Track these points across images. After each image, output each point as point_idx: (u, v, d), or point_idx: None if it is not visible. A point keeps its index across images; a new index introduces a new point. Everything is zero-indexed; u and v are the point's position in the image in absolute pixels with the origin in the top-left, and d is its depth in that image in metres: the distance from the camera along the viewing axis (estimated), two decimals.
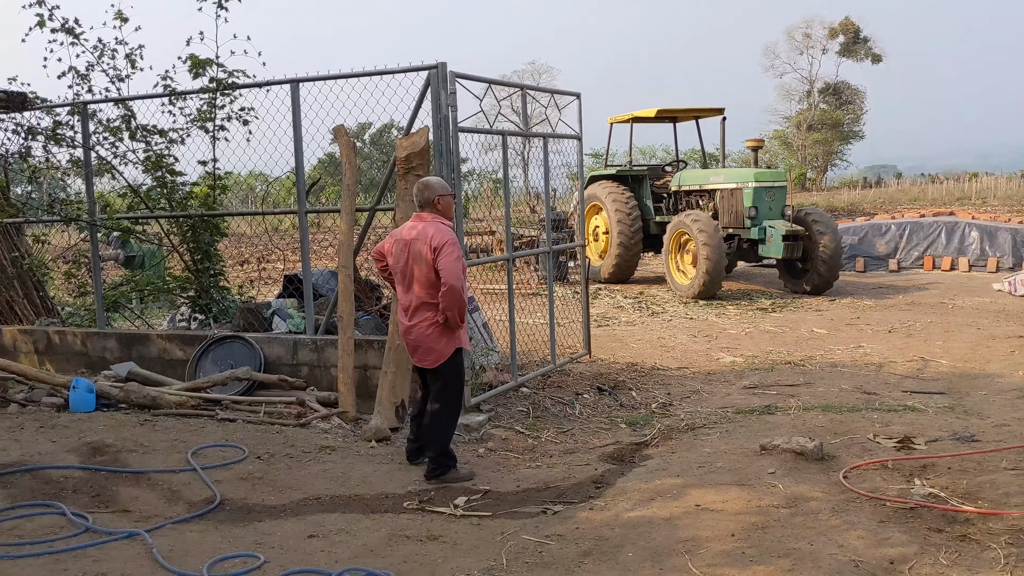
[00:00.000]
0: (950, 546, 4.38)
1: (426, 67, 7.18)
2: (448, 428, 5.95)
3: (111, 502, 5.29)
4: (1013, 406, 7.38)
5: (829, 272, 15.10)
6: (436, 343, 5.80)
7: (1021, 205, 32.90)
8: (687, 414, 7.72)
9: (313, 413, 7.15)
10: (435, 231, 5.66)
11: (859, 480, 5.47)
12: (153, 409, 7.18)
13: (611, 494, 5.54)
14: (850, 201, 41.38)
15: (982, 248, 18.42)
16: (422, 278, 5.68)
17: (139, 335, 8.76)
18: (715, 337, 11.75)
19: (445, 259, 5.55)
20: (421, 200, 5.84)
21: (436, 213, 5.82)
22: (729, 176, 16.13)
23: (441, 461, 5.88)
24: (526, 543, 4.73)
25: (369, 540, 4.83)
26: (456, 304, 5.59)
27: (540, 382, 8.64)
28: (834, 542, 4.43)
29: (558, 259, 15.59)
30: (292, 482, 5.74)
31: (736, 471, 5.69)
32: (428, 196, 5.82)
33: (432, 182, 5.91)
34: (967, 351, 10.21)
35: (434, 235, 5.63)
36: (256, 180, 17.35)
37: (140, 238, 10.08)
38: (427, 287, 5.68)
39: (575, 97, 9.37)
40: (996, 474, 5.41)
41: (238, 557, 4.52)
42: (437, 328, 5.75)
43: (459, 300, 5.58)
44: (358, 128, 54.88)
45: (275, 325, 8.53)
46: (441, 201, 5.83)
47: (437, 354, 5.82)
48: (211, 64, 8.41)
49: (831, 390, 8.41)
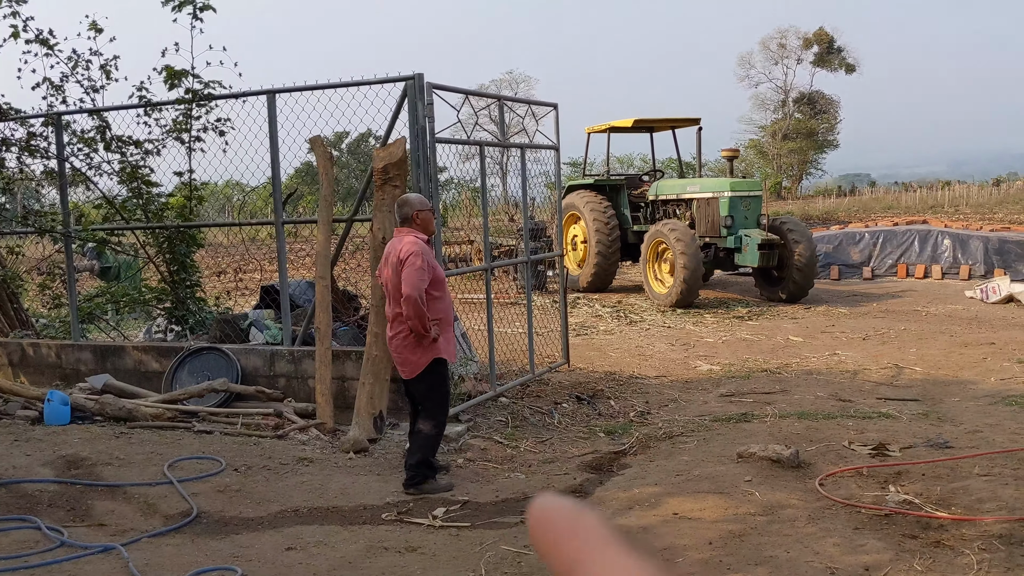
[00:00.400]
0: (924, 552, 4.43)
1: (403, 78, 7.19)
2: (428, 438, 5.94)
3: (86, 516, 5.24)
4: (986, 412, 7.47)
5: (804, 280, 15.23)
6: (412, 354, 5.84)
7: (993, 213, 33.32)
8: (665, 422, 7.75)
9: (291, 424, 7.12)
10: (404, 245, 5.76)
11: (835, 487, 5.52)
12: (129, 421, 7.13)
13: (590, 504, 5.56)
14: (825, 209, 41.72)
15: (955, 256, 18.64)
16: (394, 291, 5.78)
17: (114, 347, 8.70)
18: (692, 345, 11.82)
19: (407, 270, 5.65)
20: (400, 216, 5.94)
21: (415, 228, 5.89)
22: (705, 186, 16.24)
23: (419, 471, 5.89)
24: (505, 553, 4.73)
25: (347, 552, 4.82)
26: (415, 313, 5.64)
27: (519, 391, 8.65)
28: (810, 549, 4.47)
29: (537, 268, 15.62)
30: (270, 494, 5.71)
31: (713, 479, 5.72)
32: (407, 212, 5.91)
33: (411, 198, 6.00)
34: (940, 358, 10.32)
35: (403, 248, 5.74)
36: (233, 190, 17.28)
37: (116, 249, 10.02)
38: (399, 299, 5.74)
39: (552, 108, 9.41)
40: (969, 480, 5.48)
41: (215, 570, 4.50)
42: (410, 339, 5.80)
43: (416, 309, 5.63)
44: (335, 137, 54.77)
45: (252, 336, 8.50)
46: (420, 216, 5.91)
47: (413, 364, 5.86)
48: (186, 75, 8.39)
49: (807, 397, 8.47)
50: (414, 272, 5.63)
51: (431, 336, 5.76)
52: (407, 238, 5.81)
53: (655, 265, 15.79)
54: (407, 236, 5.83)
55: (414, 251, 5.69)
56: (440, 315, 5.87)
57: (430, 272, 5.73)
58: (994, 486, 5.31)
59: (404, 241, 5.79)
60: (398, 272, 5.72)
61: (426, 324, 5.69)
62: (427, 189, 7.14)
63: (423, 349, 5.82)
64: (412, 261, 5.65)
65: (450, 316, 6.03)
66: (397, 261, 5.73)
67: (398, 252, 5.75)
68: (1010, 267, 17.87)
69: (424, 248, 5.78)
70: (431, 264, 5.77)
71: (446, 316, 5.95)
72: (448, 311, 6.00)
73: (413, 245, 5.73)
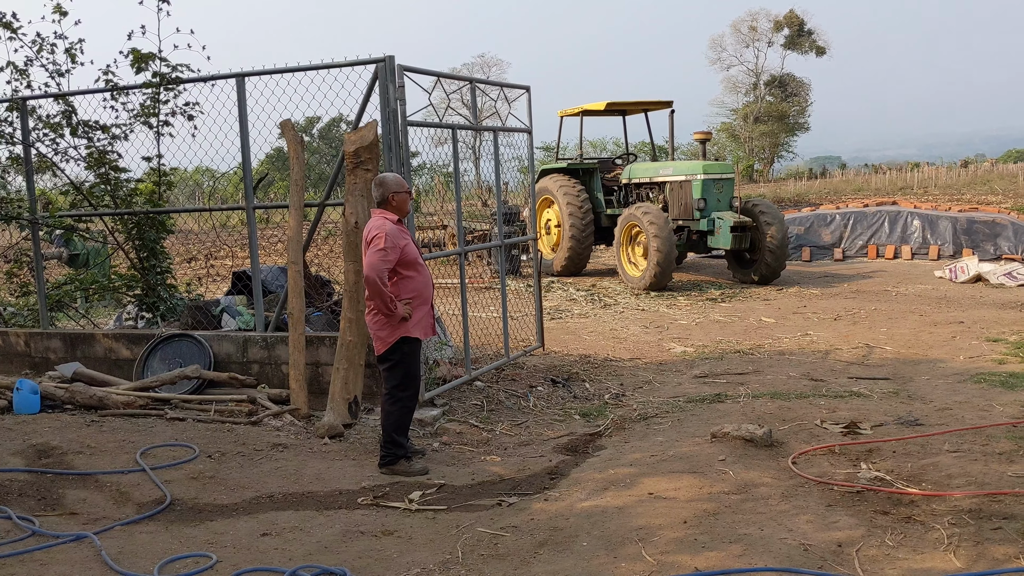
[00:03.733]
0: (896, 528, 4.48)
1: (373, 60, 7.13)
2: (391, 415, 5.91)
3: (58, 505, 5.19)
4: (955, 390, 7.57)
5: (776, 262, 15.35)
6: (379, 331, 5.86)
7: (961, 194, 33.70)
8: (640, 404, 7.79)
9: (265, 411, 7.08)
10: (371, 226, 5.80)
11: (807, 465, 5.57)
12: (100, 410, 7.05)
13: (565, 485, 5.58)
14: (796, 192, 42.02)
15: (924, 236, 18.84)
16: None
17: (84, 335, 8.60)
18: (666, 328, 11.87)
19: (368, 251, 5.69)
20: (377, 197, 5.93)
21: (390, 210, 5.89)
22: (678, 169, 16.29)
23: (389, 449, 5.92)
24: (481, 535, 4.74)
25: (323, 537, 4.81)
26: (374, 293, 5.67)
27: (494, 375, 8.65)
28: (784, 527, 4.51)
29: (510, 253, 15.62)
30: (244, 480, 5.68)
31: (688, 459, 5.76)
32: (383, 193, 5.91)
33: (387, 179, 5.96)
34: (910, 337, 10.44)
35: (369, 229, 5.78)
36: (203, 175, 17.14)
37: (84, 236, 9.89)
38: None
39: (524, 90, 9.38)
40: (939, 456, 5.55)
41: (190, 557, 4.47)
42: (378, 317, 5.82)
43: (374, 289, 5.65)
44: (306, 122, 54.38)
45: (224, 323, 8.43)
46: (395, 198, 5.89)
47: (381, 342, 5.87)
48: (153, 58, 8.28)
49: (779, 377, 8.55)
50: (375, 254, 5.64)
51: (398, 315, 5.75)
52: (374, 220, 5.85)
53: (629, 248, 15.83)
54: (375, 218, 5.86)
55: (378, 233, 5.70)
56: (412, 294, 5.86)
57: (395, 252, 5.70)
58: (963, 462, 5.39)
59: (372, 223, 5.83)
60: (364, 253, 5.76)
61: (388, 304, 5.69)
62: (399, 173, 7.09)
63: (391, 327, 5.82)
64: (375, 243, 5.67)
65: (427, 294, 6.00)
66: (364, 243, 5.78)
67: (366, 233, 5.80)
68: (978, 247, 18.11)
69: (391, 229, 5.75)
70: (397, 244, 5.73)
71: (420, 294, 5.92)
72: (423, 289, 5.97)
73: (379, 228, 5.73)
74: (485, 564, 4.36)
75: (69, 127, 8.59)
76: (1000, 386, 7.66)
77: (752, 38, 64.71)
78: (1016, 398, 7.12)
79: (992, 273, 14.88)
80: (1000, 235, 18.25)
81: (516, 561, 4.36)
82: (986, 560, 4.02)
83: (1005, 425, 6.19)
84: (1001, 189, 35.58)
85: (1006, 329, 10.63)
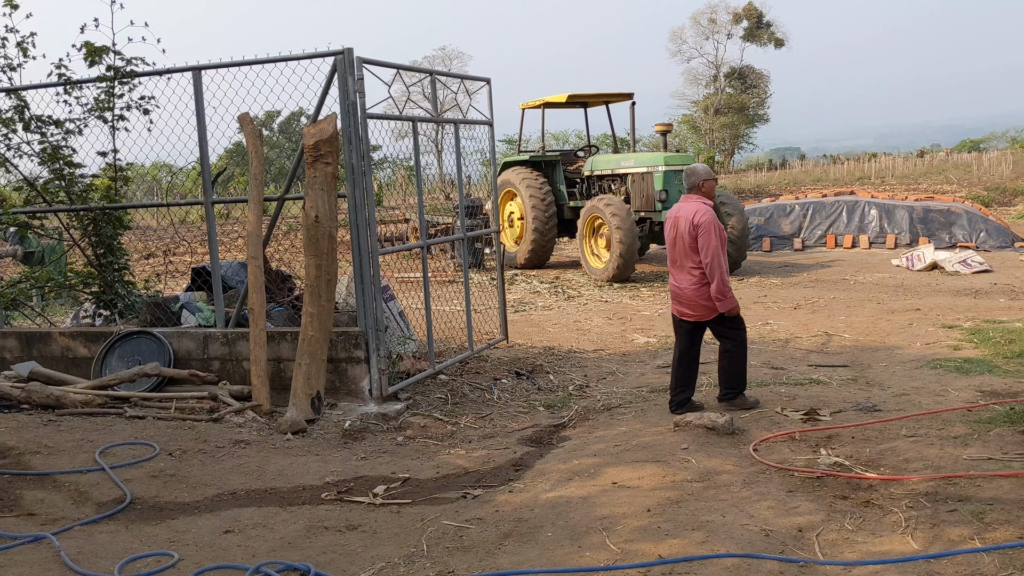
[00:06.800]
0: (855, 512, 4.55)
1: (332, 53, 7.07)
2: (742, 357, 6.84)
3: (15, 506, 5.10)
4: (911, 376, 7.70)
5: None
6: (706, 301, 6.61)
7: (917, 183, 34.23)
8: (603, 395, 7.83)
9: (226, 407, 7.01)
10: (693, 210, 6.54)
11: (768, 452, 5.64)
12: (57, 409, 6.94)
13: (530, 476, 5.60)
14: (756, 183, 42.39)
15: (881, 225, 19.12)
16: (685, 249, 6.57)
17: (40, 333, 8.45)
18: (629, 319, 11.94)
19: (701, 237, 6.45)
20: (688, 184, 6.71)
21: (700, 195, 6.65)
22: (640, 160, 16.36)
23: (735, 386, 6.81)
24: (446, 528, 4.74)
25: (287, 533, 4.78)
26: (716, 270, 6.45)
27: (458, 369, 8.64)
28: (745, 513, 4.57)
29: (474, 246, 15.60)
30: (206, 478, 5.62)
31: (651, 448, 5.80)
32: (694, 181, 6.68)
33: (698, 168, 6.75)
34: (868, 325, 10.60)
35: (694, 213, 6.51)
36: (161, 171, 16.86)
37: (39, 233, 9.71)
38: (687, 256, 6.57)
39: (485, 83, 9.36)
40: (897, 441, 5.65)
41: (151, 556, 4.42)
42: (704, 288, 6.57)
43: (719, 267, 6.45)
44: (266, 116, 53.82)
45: (184, 319, 8.33)
46: (705, 185, 6.67)
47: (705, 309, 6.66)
48: (107, 52, 8.14)
49: None
50: (715, 237, 6.43)
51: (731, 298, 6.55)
52: (695, 205, 6.56)
53: (592, 240, 15.89)
54: (695, 203, 6.58)
55: (709, 218, 6.48)
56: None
57: (719, 234, 6.49)
58: (920, 447, 5.49)
59: (693, 207, 6.54)
60: (690, 233, 6.47)
61: (727, 283, 6.50)
62: (359, 166, 7.05)
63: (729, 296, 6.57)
64: (707, 228, 6.43)
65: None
66: (691, 225, 6.47)
67: (690, 218, 6.49)
68: (933, 235, 18.42)
69: (713, 215, 6.53)
70: (719, 227, 6.52)
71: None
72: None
73: (706, 213, 6.50)
74: (450, 557, 4.36)
75: (21, 122, 8.42)
76: (955, 372, 7.80)
77: (712, 30, 65.10)
78: (971, 383, 7.26)
79: (947, 261, 15.15)
80: (955, 224, 18.57)
81: (481, 553, 4.37)
82: (942, 542, 4.09)
83: (960, 410, 6.31)
84: (956, 178, 36.20)
85: (961, 316, 10.83)
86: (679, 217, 6.61)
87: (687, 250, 6.55)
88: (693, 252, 6.52)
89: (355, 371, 7.38)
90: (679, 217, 6.61)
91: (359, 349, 7.32)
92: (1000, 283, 13.52)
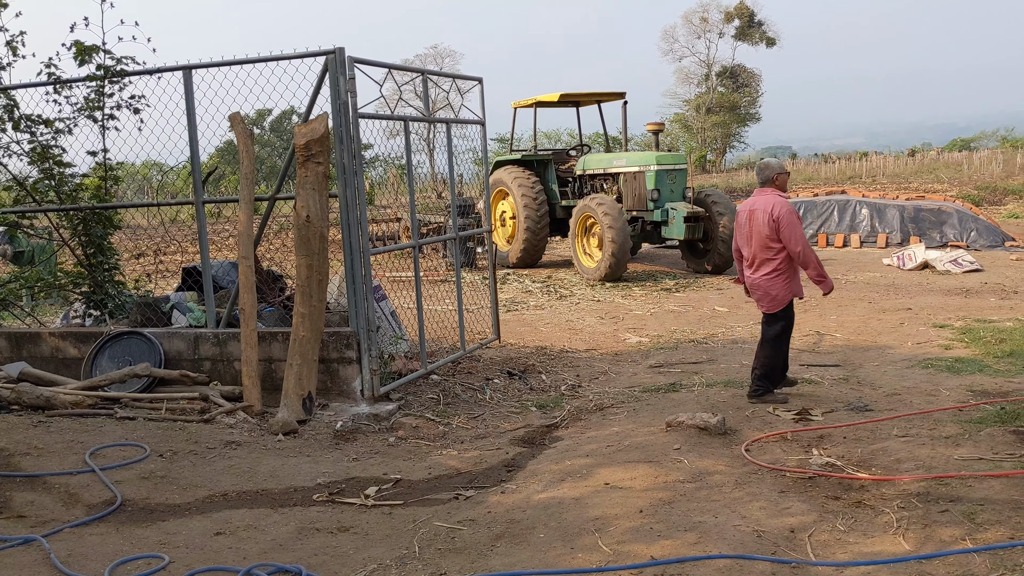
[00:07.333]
0: (847, 512, 4.56)
1: (323, 52, 7.05)
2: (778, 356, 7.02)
3: (4, 508, 5.06)
4: (903, 376, 7.72)
5: (729, 252, 15.48)
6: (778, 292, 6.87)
7: (908, 182, 34.33)
8: (595, 395, 7.83)
9: (217, 408, 6.99)
10: (772, 202, 6.75)
11: (760, 452, 5.65)
12: (47, 410, 6.90)
13: (522, 477, 5.59)
14: (748, 182, 42.45)
15: (872, 225, 19.17)
16: (759, 239, 6.79)
17: (30, 334, 8.40)
18: (621, 318, 11.94)
19: (785, 229, 6.68)
20: (761, 178, 6.98)
21: (774, 187, 6.91)
22: (632, 160, 16.36)
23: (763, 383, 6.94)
24: (438, 530, 4.73)
25: (278, 535, 4.76)
26: (811, 262, 6.73)
27: (450, 369, 8.63)
28: (737, 514, 4.56)
29: (466, 245, 15.58)
30: (197, 479, 5.60)
31: (643, 448, 5.80)
32: (768, 175, 6.95)
33: (771, 163, 7.07)
34: (859, 324, 10.62)
35: (773, 206, 6.73)
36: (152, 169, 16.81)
37: (28, 233, 9.65)
38: (764, 248, 6.79)
39: (477, 82, 9.35)
40: (888, 441, 5.66)
41: (142, 558, 4.39)
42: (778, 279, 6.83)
43: (812, 257, 6.74)
44: (257, 115, 53.70)
45: (175, 319, 8.29)
46: (779, 178, 6.96)
47: (777, 301, 6.90)
48: (97, 51, 8.10)
49: (732, 366, 8.65)
50: (799, 227, 6.71)
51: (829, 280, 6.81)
52: (771, 198, 6.80)
53: (584, 239, 15.88)
54: (771, 196, 6.82)
55: (789, 209, 6.73)
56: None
57: (800, 223, 6.77)
58: (912, 447, 5.50)
59: (770, 200, 6.78)
60: (769, 225, 6.70)
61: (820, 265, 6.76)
62: (351, 166, 7.03)
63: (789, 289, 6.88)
64: (789, 220, 6.68)
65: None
66: (770, 218, 6.70)
67: (769, 210, 6.72)
68: (924, 234, 18.47)
69: (791, 205, 6.77)
70: (798, 217, 6.78)
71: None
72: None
73: (784, 205, 6.75)
74: (442, 558, 4.35)
75: (11, 121, 8.37)
76: (947, 371, 7.82)
77: (703, 29, 65.23)
78: (962, 383, 7.28)
79: (938, 260, 15.19)
80: (946, 223, 18.63)
81: (473, 554, 4.36)
82: (934, 542, 4.10)
83: (951, 410, 6.33)
84: (947, 177, 36.33)
85: (952, 315, 10.86)
86: (755, 211, 6.84)
87: (766, 242, 6.77)
88: (771, 243, 6.76)
89: (347, 371, 7.36)
90: (755, 211, 6.84)
91: (350, 349, 7.30)
92: (991, 282, 13.57)
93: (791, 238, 6.68)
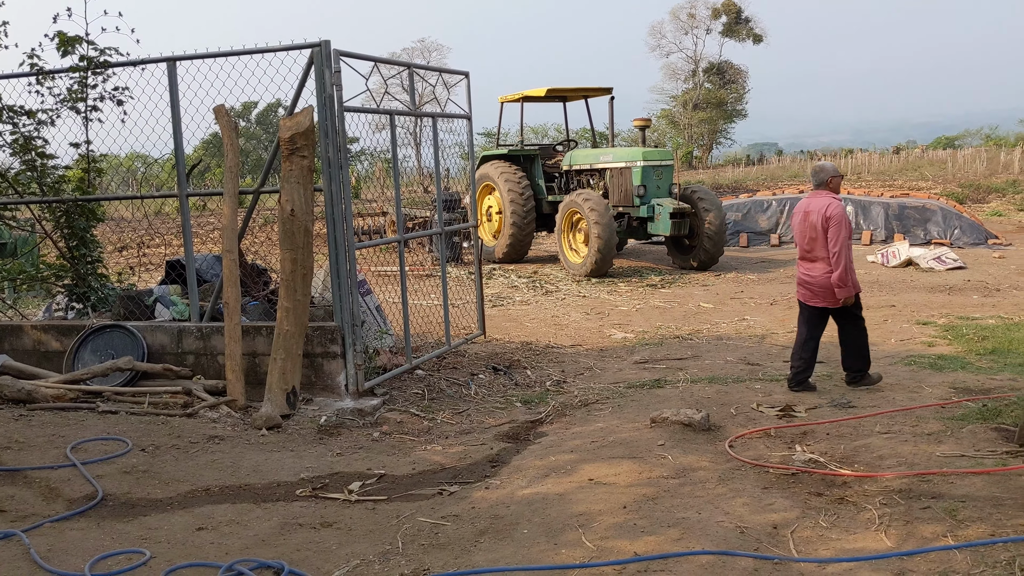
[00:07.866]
0: (829, 509, 4.58)
1: (309, 45, 7.01)
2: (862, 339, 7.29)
3: None
4: (886, 372, 7.74)
5: (714, 248, 15.55)
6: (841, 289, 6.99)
7: (893, 180, 34.48)
8: (581, 391, 7.83)
9: (200, 402, 6.95)
10: (825, 204, 6.98)
11: (744, 448, 5.66)
12: (28, 404, 6.85)
13: (506, 472, 5.59)
14: (734, 178, 42.55)
15: (857, 222, 19.24)
16: (820, 239, 6.99)
17: (12, 326, 8.34)
18: (607, 314, 11.95)
19: (832, 229, 6.90)
20: (816, 180, 7.20)
21: (828, 190, 7.13)
22: (618, 155, 16.37)
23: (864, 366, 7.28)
24: (422, 525, 4.72)
25: (261, 530, 4.74)
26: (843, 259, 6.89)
27: (435, 364, 8.62)
28: (720, 510, 4.58)
29: (451, 240, 15.56)
30: (179, 474, 5.57)
31: (628, 444, 5.81)
32: (823, 177, 7.17)
33: (826, 166, 7.26)
34: None
35: (826, 207, 6.95)
36: (136, 161, 16.70)
37: (10, 224, 9.57)
38: (816, 247, 7.03)
39: (464, 76, 9.32)
40: (871, 438, 5.68)
41: (123, 554, 4.37)
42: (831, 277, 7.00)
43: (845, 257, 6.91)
44: (243, 108, 53.39)
45: (158, 313, 8.24)
46: (833, 181, 7.17)
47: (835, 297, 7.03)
48: (80, 41, 8.04)
49: (717, 362, 8.67)
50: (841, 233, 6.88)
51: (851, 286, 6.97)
52: (825, 199, 7.02)
53: (570, 235, 15.89)
54: (824, 198, 7.05)
55: (839, 212, 6.93)
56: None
57: (848, 228, 6.95)
58: (894, 443, 5.52)
59: (824, 201, 7.00)
60: (822, 226, 6.93)
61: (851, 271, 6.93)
62: (336, 160, 7.00)
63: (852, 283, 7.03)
64: (838, 221, 6.88)
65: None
66: (823, 218, 6.93)
67: (822, 211, 6.95)
68: (909, 232, 18.56)
69: (844, 209, 6.98)
70: (848, 220, 6.98)
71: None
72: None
73: (838, 208, 6.96)
74: (425, 554, 4.35)
75: None
76: (929, 368, 7.87)
77: (691, 25, 65.26)
78: (944, 380, 7.33)
79: (922, 258, 15.28)
80: (930, 220, 18.73)
81: (457, 550, 4.36)
82: (915, 539, 4.12)
83: (934, 406, 6.37)
84: (931, 175, 36.50)
85: (935, 312, 10.92)
86: (810, 211, 7.08)
87: (821, 240, 7.00)
88: (826, 242, 6.99)
89: (331, 366, 7.33)
90: (810, 211, 7.08)
91: (335, 344, 7.28)
92: (974, 280, 13.65)
93: (834, 237, 6.91)
